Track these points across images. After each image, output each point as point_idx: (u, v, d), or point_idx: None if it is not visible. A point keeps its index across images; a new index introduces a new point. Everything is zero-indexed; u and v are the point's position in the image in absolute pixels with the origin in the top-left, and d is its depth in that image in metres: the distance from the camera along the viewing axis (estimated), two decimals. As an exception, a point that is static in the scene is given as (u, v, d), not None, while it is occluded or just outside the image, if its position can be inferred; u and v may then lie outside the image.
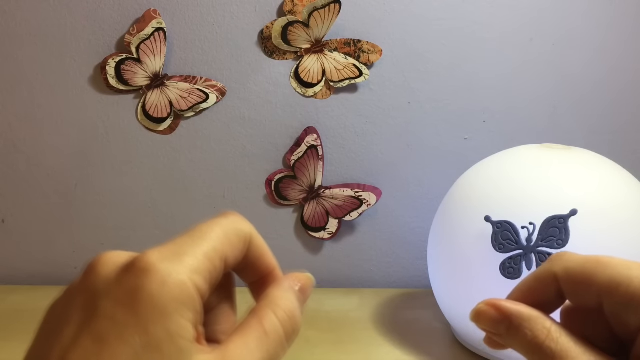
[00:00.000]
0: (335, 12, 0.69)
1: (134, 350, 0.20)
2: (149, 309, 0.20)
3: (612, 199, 0.51)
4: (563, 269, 0.25)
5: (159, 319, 0.20)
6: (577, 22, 0.72)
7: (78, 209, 0.75)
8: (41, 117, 0.72)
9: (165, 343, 0.20)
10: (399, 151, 0.74)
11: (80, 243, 0.76)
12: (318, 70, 0.71)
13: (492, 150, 0.60)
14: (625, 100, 0.74)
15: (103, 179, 0.74)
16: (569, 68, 0.73)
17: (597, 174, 0.53)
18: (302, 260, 0.77)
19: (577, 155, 0.55)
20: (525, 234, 0.50)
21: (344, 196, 0.73)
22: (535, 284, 0.26)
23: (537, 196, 0.51)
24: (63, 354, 0.20)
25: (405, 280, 0.77)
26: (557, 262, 0.25)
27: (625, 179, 0.54)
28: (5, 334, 0.60)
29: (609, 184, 0.53)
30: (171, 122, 0.72)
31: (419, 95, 0.73)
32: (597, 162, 0.55)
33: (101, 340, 0.20)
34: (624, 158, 0.58)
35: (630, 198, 0.52)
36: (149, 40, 0.69)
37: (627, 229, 0.50)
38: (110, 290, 0.21)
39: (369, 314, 0.68)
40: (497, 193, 0.53)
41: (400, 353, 0.59)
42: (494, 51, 0.72)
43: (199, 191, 0.74)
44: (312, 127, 0.73)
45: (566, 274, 0.24)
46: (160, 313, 0.20)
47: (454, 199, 0.59)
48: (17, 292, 0.72)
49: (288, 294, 0.25)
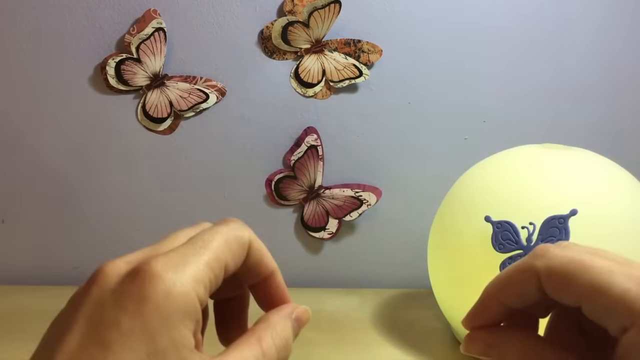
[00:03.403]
0: (335, 12, 0.69)
1: (139, 358, 0.20)
2: (155, 318, 0.21)
3: (612, 198, 0.51)
4: (545, 267, 0.25)
5: (164, 328, 0.21)
6: (577, 22, 0.72)
7: (78, 209, 0.75)
8: (41, 117, 0.72)
9: (169, 352, 0.21)
10: (399, 151, 0.74)
11: (80, 243, 0.76)
12: (318, 70, 0.71)
13: (492, 150, 0.60)
14: (626, 100, 0.74)
15: (103, 178, 0.74)
16: (569, 68, 0.73)
17: (597, 174, 0.53)
18: (302, 260, 0.77)
19: (577, 155, 0.55)
20: (525, 234, 0.50)
21: (344, 196, 0.73)
22: (517, 276, 0.26)
23: (537, 196, 0.51)
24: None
25: (405, 280, 0.77)
26: (540, 258, 0.25)
27: (625, 179, 0.54)
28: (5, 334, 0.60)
29: (609, 184, 0.53)
30: (171, 122, 0.72)
31: (419, 95, 0.73)
32: (597, 162, 0.55)
33: (107, 347, 0.20)
34: (624, 158, 0.58)
35: (630, 198, 0.52)
36: (149, 40, 0.69)
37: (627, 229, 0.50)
38: (116, 299, 0.21)
39: (369, 314, 0.68)
40: (497, 193, 0.53)
41: (400, 353, 0.59)
42: (494, 51, 0.72)
43: (199, 191, 0.74)
44: (312, 127, 0.73)
45: (548, 272, 0.24)
46: (165, 323, 0.21)
47: (454, 199, 0.59)
48: (17, 292, 0.72)
49: (286, 322, 0.27)
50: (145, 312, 0.21)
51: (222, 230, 0.25)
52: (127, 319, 0.21)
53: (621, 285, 0.22)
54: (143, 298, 0.21)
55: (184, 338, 0.21)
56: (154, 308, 0.21)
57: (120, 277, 0.22)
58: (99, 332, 0.21)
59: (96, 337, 0.20)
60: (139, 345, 0.20)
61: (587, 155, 0.56)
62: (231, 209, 0.74)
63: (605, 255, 0.24)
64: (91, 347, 0.20)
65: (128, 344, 0.20)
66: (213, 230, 0.25)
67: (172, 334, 0.21)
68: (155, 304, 0.21)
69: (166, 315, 0.21)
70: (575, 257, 0.24)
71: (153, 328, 0.21)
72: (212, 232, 0.25)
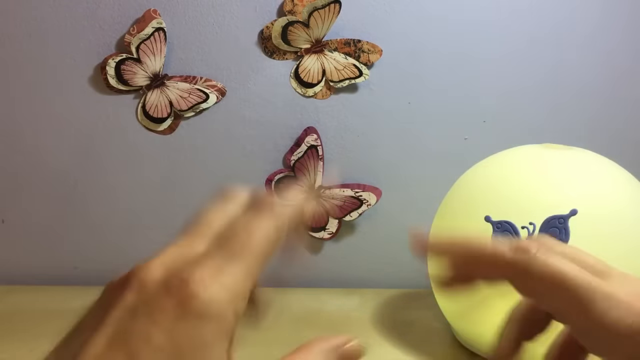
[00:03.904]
0: (335, 12, 0.69)
1: None
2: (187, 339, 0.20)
3: (612, 198, 0.51)
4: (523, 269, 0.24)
5: (196, 350, 0.20)
6: (577, 22, 0.72)
7: (78, 209, 0.75)
8: (41, 117, 0.72)
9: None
10: (399, 151, 0.74)
11: (80, 243, 0.76)
12: (318, 70, 0.71)
13: (492, 150, 0.60)
14: (626, 100, 0.74)
15: (103, 178, 0.74)
16: (568, 68, 0.73)
17: (597, 174, 0.53)
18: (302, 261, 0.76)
19: (577, 155, 0.55)
20: (525, 234, 0.50)
21: (344, 196, 0.73)
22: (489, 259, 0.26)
23: (537, 196, 0.51)
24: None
25: (405, 280, 0.77)
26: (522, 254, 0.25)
27: (625, 179, 0.54)
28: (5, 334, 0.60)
29: (609, 183, 0.53)
30: (171, 122, 0.72)
31: (419, 95, 0.73)
32: (597, 162, 0.55)
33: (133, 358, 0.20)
34: (624, 158, 0.58)
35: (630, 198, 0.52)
36: (149, 40, 0.69)
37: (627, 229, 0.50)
38: (150, 311, 0.21)
39: (369, 314, 0.68)
40: (497, 193, 0.53)
41: (400, 353, 0.59)
42: (494, 51, 0.72)
43: (199, 191, 0.74)
44: (312, 127, 0.73)
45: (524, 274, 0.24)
46: (198, 344, 0.20)
47: (454, 199, 0.59)
48: (17, 292, 0.72)
49: None
50: (179, 331, 0.20)
51: (261, 225, 0.23)
52: (159, 335, 0.20)
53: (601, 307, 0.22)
54: (177, 317, 0.20)
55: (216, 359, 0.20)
56: (189, 329, 0.20)
57: (156, 286, 0.21)
58: (128, 342, 0.20)
59: (124, 346, 0.20)
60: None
61: (587, 155, 0.56)
62: (231, 209, 0.74)
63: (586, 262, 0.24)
64: (117, 355, 0.20)
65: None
66: (251, 225, 0.23)
67: (205, 356, 0.20)
68: (191, 325, 0.20)
69: (199, 337, 0.20)
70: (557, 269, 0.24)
71: (185, 349, 0.20)
72: (250, 229, 0.22)
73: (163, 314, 0.20)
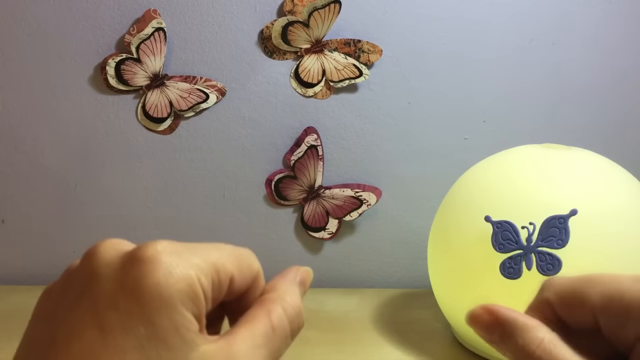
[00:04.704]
0: (335, 12, 0.69)
1: (138, 341, 0.19)
2: (154, 299, 0.20)
3: (612, 198, 0.51)
4: (554, 294, 0.24)
5: (164, 310, 0.20)
6: (577, 22, 0.72)
7: (78, 209, 0.75)
8: (41, 117, 0.72)
9: (170, 334, 0.20)
10: (399, 151, 0.74)
11: (80, 243, 0.76)
12: (318, 70, 0.71)
13: (492, 150, 0.60)
14: (625, 100, 0.74)
15: (103, 179, 0.74)
16: (568, 68, 0.73)
17: (597, 174, 0.53)
18: (302, 260, 0.76)
19: (577, 155, 0.55)
20: (525, 234, 0.50)
21: (344, 196, 0.73)
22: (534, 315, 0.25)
23: (537, 196, 0.51)
24: (68, 341, 0.20)
25: (405, 280, 0.77)
26: (548, 288, 0.25)
27: (625, 179, 0.54)
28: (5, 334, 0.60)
29: (609, 183, 0.53)
30: (171, 122, 0.72)
31: (419, 95, 0.73)
32: (597, 162, 0.55)
33: (105, 330, 0.19)
34: (624, 158, 0.58)
35: (630, 198, 0.52)
36: (149, 40, 0.69)
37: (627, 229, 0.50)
38: (114, 277, 0.20)
39: (369, 314, 0.68)
40: (497, 193, 0.53)
41: (400, 353, 0.59)
42: (494, 51, 0.72)
43: (199, 191, 0.74)
44: (312, 127, 0.73)
45: (558, 297, 0.24)
46: (165, 304, 0.20)
47: (454, 199, 0.59)
48: (17, 292, 0.72)
49: (294, 287, 0.25)
50: (145, 292, 0.20)
51: (238, 249, 0.24)
52: (126, 299, 0.20)
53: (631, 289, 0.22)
54: (142, 277, 0.20)
55: (185, 320, 0.20)
56: (154, 288, 0.20)
57: (120, 255, 0.21)
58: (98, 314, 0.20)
59: (95, 319, 0.20)
60: (138, 328, 0.19)
61: (587, 155, 0.56)
62: (231, 208, 0.74)
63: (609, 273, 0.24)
64: (91, 330, 0.20)
65: (127, 326, 0.19)
66: (229, 245, 0.23)
67: (173, 316, 0.20)
68: (156, 284, 0.20)
69: (167, 297, 0.20)
70: (581, 277, 0.24)
71: (152, 310, 0.20)
72: (228, 245, 0.23)
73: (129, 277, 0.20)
